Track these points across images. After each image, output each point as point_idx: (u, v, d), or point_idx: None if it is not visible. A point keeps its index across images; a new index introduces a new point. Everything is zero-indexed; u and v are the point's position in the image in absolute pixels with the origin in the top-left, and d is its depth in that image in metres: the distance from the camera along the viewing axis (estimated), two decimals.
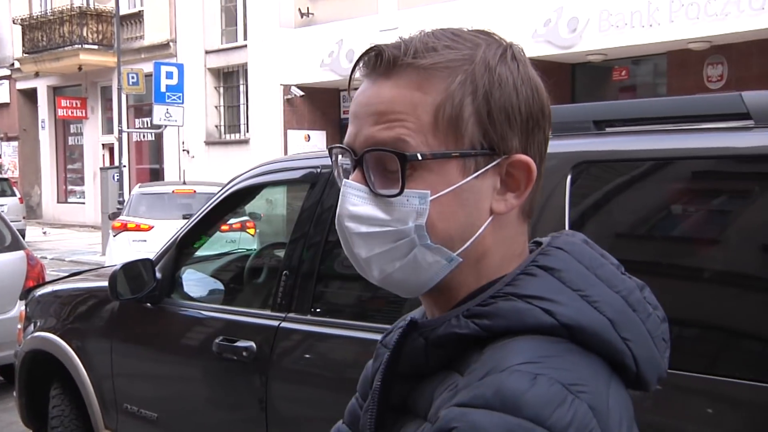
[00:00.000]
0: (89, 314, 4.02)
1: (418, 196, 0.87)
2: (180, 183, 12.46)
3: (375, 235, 0.89)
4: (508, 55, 0.90)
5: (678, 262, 2.28)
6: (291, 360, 3.00)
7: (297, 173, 3.27)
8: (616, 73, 13.70)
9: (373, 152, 0.88)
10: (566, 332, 0.83)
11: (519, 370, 0.77)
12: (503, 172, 0.90)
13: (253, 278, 3.85)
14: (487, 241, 0.90)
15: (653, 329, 0.90)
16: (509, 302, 0.85)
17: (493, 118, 0.88)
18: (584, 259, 0.90)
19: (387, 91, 0.88)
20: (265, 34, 17.62)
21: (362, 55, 0.91)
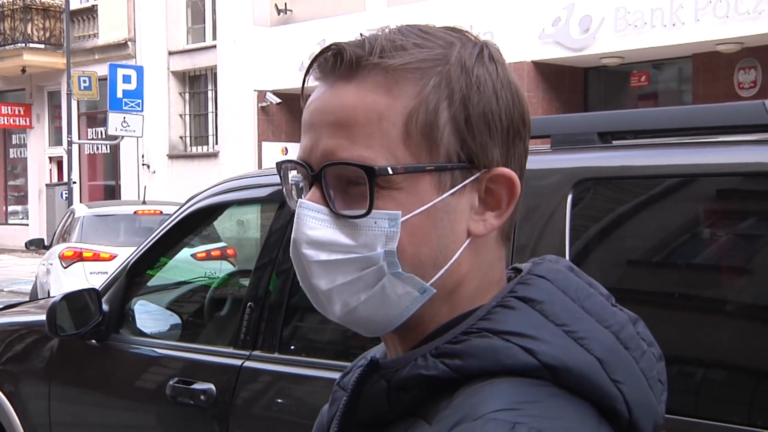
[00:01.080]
0: (25, 353, 3.99)
1: (388, 217, 0.86)
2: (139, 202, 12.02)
3: (337, 263, 0.87)
4: (485, 56, 0.90)
5: (696, 293, 2.29)
6: (255, 405, 2.98)
7: (264, 191, 3.28)
8: (635, 78, 13.80)
9: (334, 167, 0.87)
10: (549, 374, 0.83)
11: (495, 419, 0.77)
12: (482, 189, 0.89)
13: (214, 311, 3.84)
14: (463, 267, 0.90)
15: (648, 369, 0.89)
16: (484, 339, 0.85)
17: (472, 125, 0.88)
18: (569, 290, 0.90)
19: (349, 96, 0.87)
20: (236, 33, 17.69)
21: (318, 55, 0.90)
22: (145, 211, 11.05)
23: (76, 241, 10.71)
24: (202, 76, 20.00)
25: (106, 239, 10.59)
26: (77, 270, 10.17)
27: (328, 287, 0.88)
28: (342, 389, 1.05)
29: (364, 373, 0.93)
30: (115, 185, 21.93)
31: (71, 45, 19.64)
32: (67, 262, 10.38)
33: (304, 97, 0.95)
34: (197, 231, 3.87)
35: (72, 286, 10.21)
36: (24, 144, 24.95)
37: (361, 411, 0.92)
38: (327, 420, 1.06)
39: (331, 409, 1.06)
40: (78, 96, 18.61)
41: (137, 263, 3.63)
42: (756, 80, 12.38)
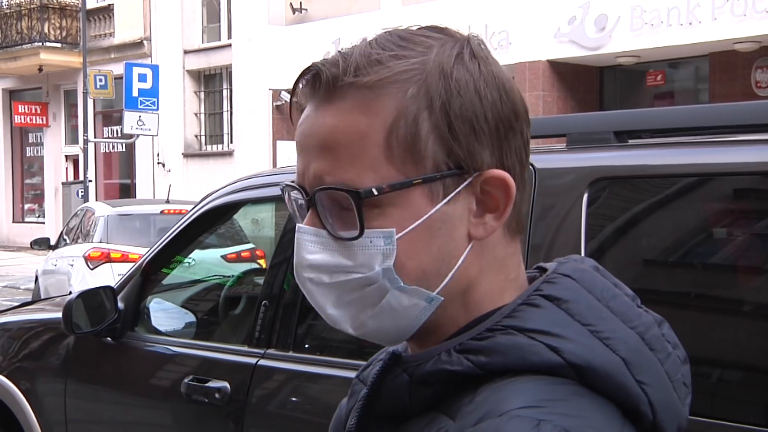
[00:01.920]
0: (41, 350, 4.01)
1: (383, 235, 0.86)
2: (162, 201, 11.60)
3: (340, 285, 0.89)
4: (465, 54, 0.89)
5: (712, 293, 2.28)
6: (270, 403, 2.99)
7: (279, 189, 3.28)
8: (651, 77, 13.74)
9: (324, 191, 0.87)
10: (574, 373, 0.83)
11: (519, 416, 0.77)
12: (478, 192, 0.89)
13: (229, 309, 3.85)
14: (471, 270, 0.90)
15: (673, 371, 0.89)
16: (509, 336, 0.85)
17: (455, 131, 0.87)
18: (595, 289, 0.90)
19: (330, 118, 0.87)
20: (252, 32, 17.73)
21: (298, 78, 0.90)
22: (171, 211, 10.63)
23: (100, 241, 10.41)
24: (217, 74, 20.05)
25: (133, 239, 10.27)
26: (105, 271, 9.85)
27: (336, 307, 0.90)
28: (361, 382, 1.06)
29: (385, 366, 0.93)
30: (131, 184, 22.03)
31: (87, 44, 19.73)
32: (94, 263, 10.08)
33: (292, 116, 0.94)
34: (212, 229, 3.88)
35: None
36: (40, 142, 25.09)
37: (382, 404, 0.93)
38: (345, 413, 1.07)
39: (349, 402, 1.07)
40: (94, 95, 18.70)
41: (152, 261, 3.65)
42: None
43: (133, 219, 10.77)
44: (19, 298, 13.58)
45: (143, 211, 11.01)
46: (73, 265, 10.48)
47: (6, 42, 23.50)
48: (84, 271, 10.13)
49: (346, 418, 1.05)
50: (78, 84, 21.43)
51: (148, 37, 21.00)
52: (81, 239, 11.03)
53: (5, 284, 16.10)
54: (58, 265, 11.07)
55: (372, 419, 0.94)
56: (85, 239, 10.85)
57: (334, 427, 1.11)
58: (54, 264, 11.22)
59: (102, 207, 11.28)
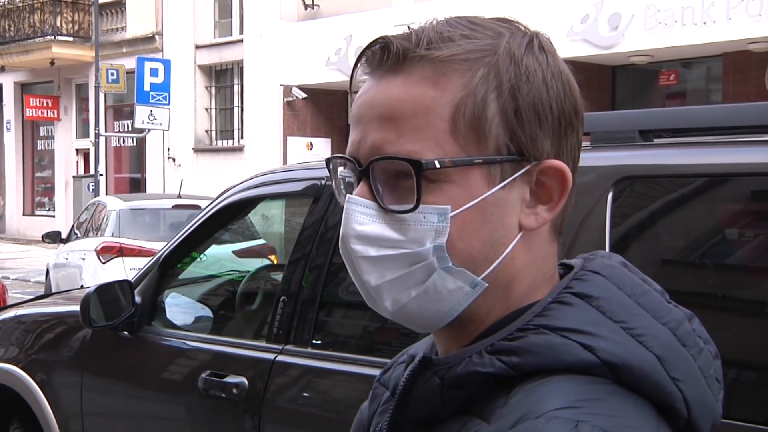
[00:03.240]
0: (57, 343, 4.02)
1: (437, 212, 0.85)
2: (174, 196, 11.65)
3: (386, 259, 0.87)
4: (535, 45, 0.89)
5: (735, 293, 2.27)
6: (288, 399, 2.99)
7: (298, 185, 3.28)
8: (664, 77, 13.70)
9: (381, 162, 0.86)
10: (608, 371, 0.82)
11: (557, 417, 0.76)
12: (533, 181, 0.88)
13: (245, 304, 3.85)
14: (517, 262, 0.89)
15: (705, 367, 0.88)
16: (541, 336, 0.84)
17: (521, 116, 0.86)
18: (625, 286, 0.89)
19: (396, 89, 0.86)
20: (263, 27, 17.73)
21: (365, 49, 0.89)
22: (183, 205, 10.68)
23: (112, 235, 10.45)
24: (228, 70, 20.07)
25: (145, 234, 10.33)
26: (117, 265, 9.88)
27: (377, 283, 0.88)
28: (382, 386, 1.05)
29: (416, 370, 0.92)
30: (141, 178, 22.07)
31: (99, 38, 19.77)
32: (105, 257, 10.14)
33: (353, 92, 0.94)
34: (229, 225, 3.88)
35: None
36: (51, 136, 25.15)
37: (413, 408, 0.91)
38: (368, 417, 1.05)
39: (371, 406, 1.05)
40: (106, 89, 18.73)
41: (169, 256, 3.65)
42: None
43: (145, 213, 10.81)
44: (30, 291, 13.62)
45: (155, 206, 11.03)
46: (85, 259, 10.55)
47: (18, 35, 23.57)
48: (95, 265, 10.18)
49: (369, 422, 1.04)
50: (89, 78, 21.49)
51: (160, 31, 21.02)
52: (92, 233, 11.04)
53: (16, 277, 16.15)
54: (69, 258, 11.10)
55: (403, 424, 0.93)
56: (97, 233, 10.87)
57: (356, 429, 1.10)
58: (65, 257, 11.26)
59: (114, 201, 11.30)
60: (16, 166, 25.89)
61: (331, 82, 16.39)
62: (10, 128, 25.93)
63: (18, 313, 4.42)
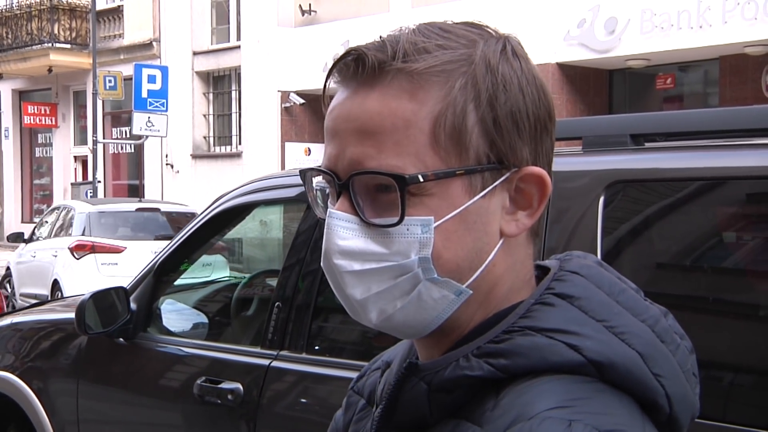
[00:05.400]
0: (53, 351, 4.02)
1: (420, 223, 0.85)
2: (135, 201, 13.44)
3: (371, 273, 0.87)
4: (508, 51, 0.89)
5: (728, 297, 2.27)
6: (283, 405, 2.99)
7: (292, 191, 3.28)
8: (660, 80, 13.70)
9: (362, 176, 0.86)
10: (594, 370, 0.83)
11: (550, 417, 0.77)
12: (512, 188, 0.89)
13: (241, 311, 3.85)
14: (498, 268, 0.90)
15: (683, 362, 0.90)
16: (527, 337, 0.85)
17: (500, 125, 0.87)
18: (603, 285, 0.90)
19: (373, 102, 0.86)
20: (261, 33, 17.74)
21: (338, 60, 0.89)
22: (145, 209, 12.47)
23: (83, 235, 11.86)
24: (226, 76, 20.07)
25: (113, 233, 11.78)
26: (89, 261, 11.32)
27: (363, 296, 0.88)
28: (357, 393, 1.05)
29: (402, 377, 0.92)
30: (139, 185, 22.06)
31: (97, 45, 19.79)
32: (79, 254, 11.49)
33: (326, 100, 0.94)
34: (224, 231, 3.88)
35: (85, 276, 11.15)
36: (50, 143, 25.15)
37: (400, 414, 0.91)
38: (343, 425, 1.05)
39: (346, 414, 1.06)
40: (103, 96, 18.75)
41: (165, 262, 3.65)
42: None
43: (111, 216, 12.27)
44: None
45: (120, 209, 12.57)
46: (57, 255, 11.94)
47: (16, 43, 23.57)
48: (69, 261, 11.63)
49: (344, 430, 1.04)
50: (87, 85, 21.50)
51: (158, 38, 21.03)
52: (63, 233, 12.46)
53: None
54: (37, 256, 12.62)
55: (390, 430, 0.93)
56: (66, 233, 12.31)
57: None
58: (32, 255, 12.81)
59: (82, 205, 12.81)
60: (14, 173, 25.88)
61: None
62: (8, 136, 25.93)
63: (14, 320, 4.42)
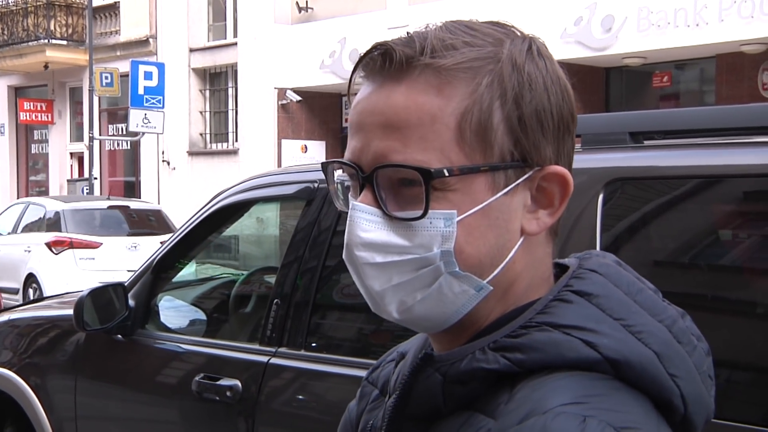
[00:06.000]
0: (51, 347, 4.02)
1: (443, 217, 0.86)
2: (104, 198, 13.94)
3: (393, 265, 0.87)
4: (534, 51, 0.90)
5: (726, 295, 2.28)
6: (282, 401, 2.99)
7: (291, 188, 3.29)
8: (657, 78, 13.73)
9: (387, 169, 0.86)
10: (609, 367, 0.83)
11: (564, 412, 0.78)
12: (534, 187, 0.89)
13: (239, 307, 3.85)
14: (518, 265, 0.90)
15: (699, 364, 0.90)
16: (544, 333, 0.85)
17: (525, 124, 0.88)
18: (621, 284, 0.90)
19: (399, 97, 0.86)
20: (257, 30, 17.73)
21: (365, 54, 0.89)
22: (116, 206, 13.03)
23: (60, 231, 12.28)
24: (222, 73, 20.05)
25: (87, 230, 12.19)
26: (68, 256, 11.77)
27: (383, 288, 0.89)
28: (371, 384, 1.06)
29: (417, 366, 0.93)
30: (135, 181, 22.04)
31: (93, 41, 19.76)
32: (58, 249, 11.93)
33: (351, 95, 0.94)
34: (223, 228, 3.88)
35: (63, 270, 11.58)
36: (46, 140, 25.10)
37: (414, 404, 0.92)
38: (356, 416, 1.07)
39: (360, 405, 1.07)
40: (100, 92, 18.73)
41: (163, 259, 3.65)
42: None
43: (85, 213, 12.66)
44: None
45: (92, 206, 12.94)
46: (31, 251, 12.46)
47: (12, 39, 23.52)
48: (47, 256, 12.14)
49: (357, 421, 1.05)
50: (83, 81, 21.47)
51: (154, 35, 21.00)
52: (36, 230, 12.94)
53: None
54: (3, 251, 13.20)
55: (403, 420, 0.94)
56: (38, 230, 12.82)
57: (344, 428, 1.11)
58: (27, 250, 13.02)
59: (53, 203, 13.23)
60: (11, 169, 25.84)
61: (326, 84, 16.38)
62: (4, 132, 25.88)
63: (12, 317, 4.42)
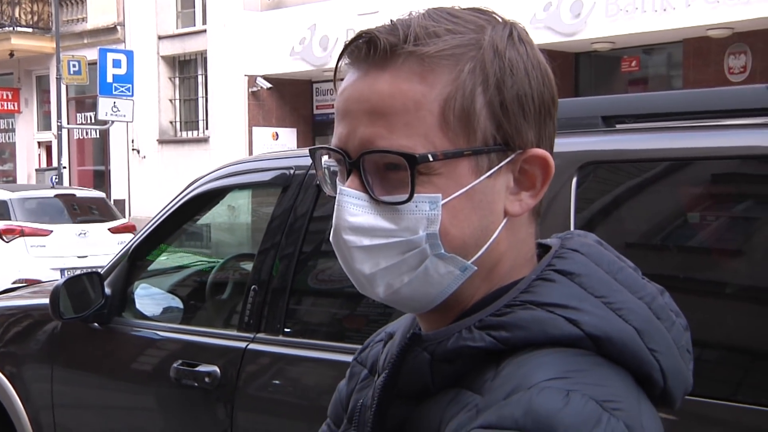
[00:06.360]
0: (26, 336, 4.00)
1: (428, 200, 0.88)
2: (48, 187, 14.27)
3: (380, 248, 0.90)
4: (515, 37, 0.92)
5: (697, 275, 2.32)
6: (260, 386, 3.01)
7: (266, 175, 3.29)
8: (625, 63, 13.84)
9: (373, 155, 0.89)
10: (592, 344, 0.86)
11: (549, 387, 0.80)
12: (517, 169, 0.92)
13: (216, 294, 3.86)
14: (502, 246, 0.93)
15: (677, 339, 0.93)
16: (528, 311, 0.88)
17: (507, 108, 0.90)
18: (602, 263, 0.93)
19: (384, 84, 0.89)
20: (227, 17, 17.61)
21: (350, 43, 0.91)
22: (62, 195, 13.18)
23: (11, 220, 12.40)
24: (192, 60, 19.90)
25: (35, 218, 12.32)
26: (19, 244, 11.93)
27: (371, 271, 0.91)
28: (360, 364, 1.09)
29: (405, 346, 0.95)
30: (105, 170, 21.85)
31: (60, 29, 19.51)
32: (9, 237, 12.00)
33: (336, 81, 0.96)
34: (198, 215, 3.88)
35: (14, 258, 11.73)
36: (12, 129, 24.80)
37: (403, 383, 0.95)
38: (346, 395, 1.09)
39: (349, 384, 1.10)
40: (68, 80, 18.50)
41: (138, 247, 3.64)
42: (746, 65, 12.42)
43: (33, 202, 12.71)
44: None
45: (39, 195, 13.05)
46: None
47: None
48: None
49: (348, 400, 1.07)
50: (50, 70, 21.21)
51: (122, 22, 20.79)
52: None
53: None
54: None
55: (393, 398, 0.96)
56: None
57: (334, 408, 1.13)
58: None
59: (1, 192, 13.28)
60: None
61: (296, 71, 16.32)
62: None
63: None
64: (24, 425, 3.89)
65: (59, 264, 11.74)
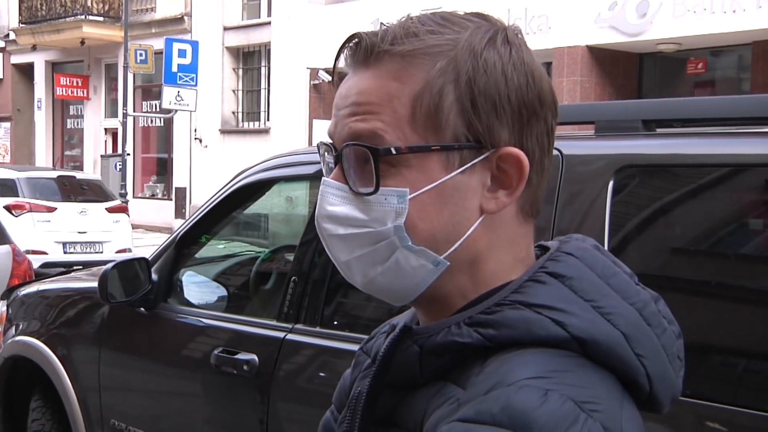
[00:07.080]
0: (77, 318, 4.12)
1: (396, 194, 0.92)
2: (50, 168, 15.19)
3: (353, 237, 0.94)
4: (498, 39, 0.94)
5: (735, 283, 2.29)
6: (296, 376, 3.06)
7: (311, 168, 3.33)
8: (692, 65, 13.58)
9: (350, 147, 0.93)
10: (577, 346, 0.88)
11: (528, 385, 0.82)
12: (493, 167, 0.94)
13: (260, 284, 3.92)
14: (480, 243, 0.95)
15: (668, 345, 0.94)
16: (516, 311, 0.90)
17: (478, 107, 0.92)
18: (596, 267, 0.95)
19: (366, 81, 0.94)
20: (291, 10, 17.76)
21: (343, 44, 0.97)
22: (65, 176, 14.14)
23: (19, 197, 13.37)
24: (255, 52, 20.13)
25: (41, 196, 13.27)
26: (26, 218, 12.89)
27: (346, 258, 0.96)
28: (365, 354, 1.12)
29: (397, 338, 0.99)
30: (168, 158, 22.23)
31: (129, 18, 19.90)
32: (17, 212, 13.02)
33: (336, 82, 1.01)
34: (244, 205, 3.94)
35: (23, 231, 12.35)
36: (81, 115, 25.38)
37: (393, 373, 0.98)
38: (349, 383, 1.13)
39: (353, 373, 1.13)
40: (134, 69, 18.87)
41: (186, 235, 3.72)
42: None
43: (38, 181, 13.62)
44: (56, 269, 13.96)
45: (44, 176, 14.00)
46: None
47: (50, 14, 23.76)
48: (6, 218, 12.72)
49: (350, 387, 1.11)
50: (119, 58, 21.65)
51: (189, 12, 21.11)
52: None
53: None
54: None
55: (383, 387, 1.00)
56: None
57: (338, 395, 1.18)
58: None
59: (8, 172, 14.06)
60: (46, 144, 26.17)
61: None
62: (41, 107, 26.20)
63: (41, 287, 4.52)
64: (73, 405, 4.01)
65: (62, 238, 12.91)
